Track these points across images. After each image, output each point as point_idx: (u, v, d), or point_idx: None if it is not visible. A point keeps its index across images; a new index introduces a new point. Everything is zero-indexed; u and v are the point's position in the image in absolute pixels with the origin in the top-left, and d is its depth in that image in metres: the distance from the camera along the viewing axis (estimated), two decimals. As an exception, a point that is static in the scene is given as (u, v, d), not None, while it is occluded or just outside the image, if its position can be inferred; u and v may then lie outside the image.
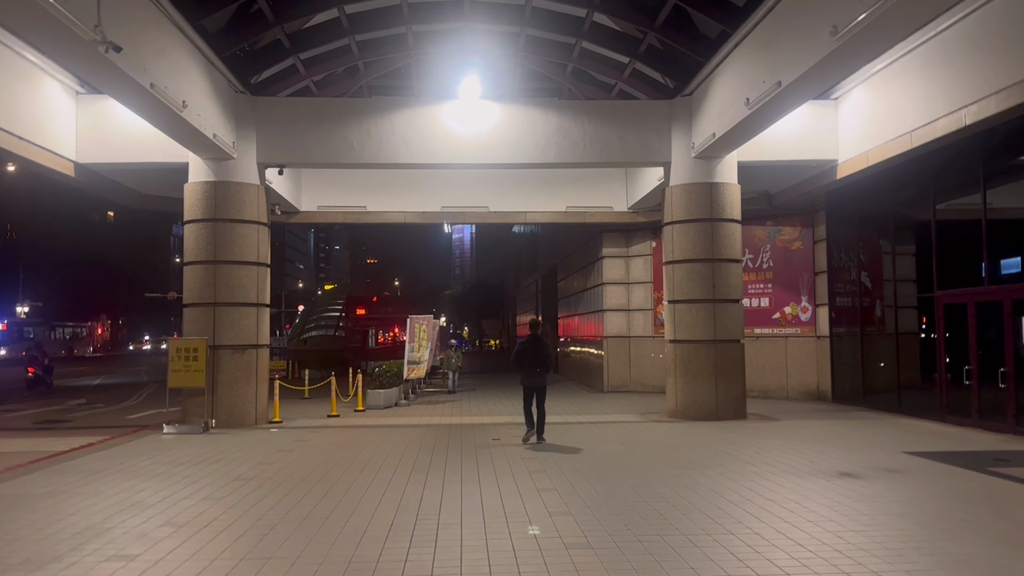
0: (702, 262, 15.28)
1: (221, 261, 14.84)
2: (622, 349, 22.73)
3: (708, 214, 15.29)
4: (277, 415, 15.57)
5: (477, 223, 21.34)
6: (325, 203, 20.86)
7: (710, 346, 15.18)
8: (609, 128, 15.66)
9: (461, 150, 15.56)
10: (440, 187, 20.99)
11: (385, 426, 14.78)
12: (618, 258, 22.95)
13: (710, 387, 15.10)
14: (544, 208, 21.24)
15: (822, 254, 19.30)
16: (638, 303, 22.65)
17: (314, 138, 15.40)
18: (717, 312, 15.21)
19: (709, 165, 15.38)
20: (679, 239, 15.48)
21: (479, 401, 20.07)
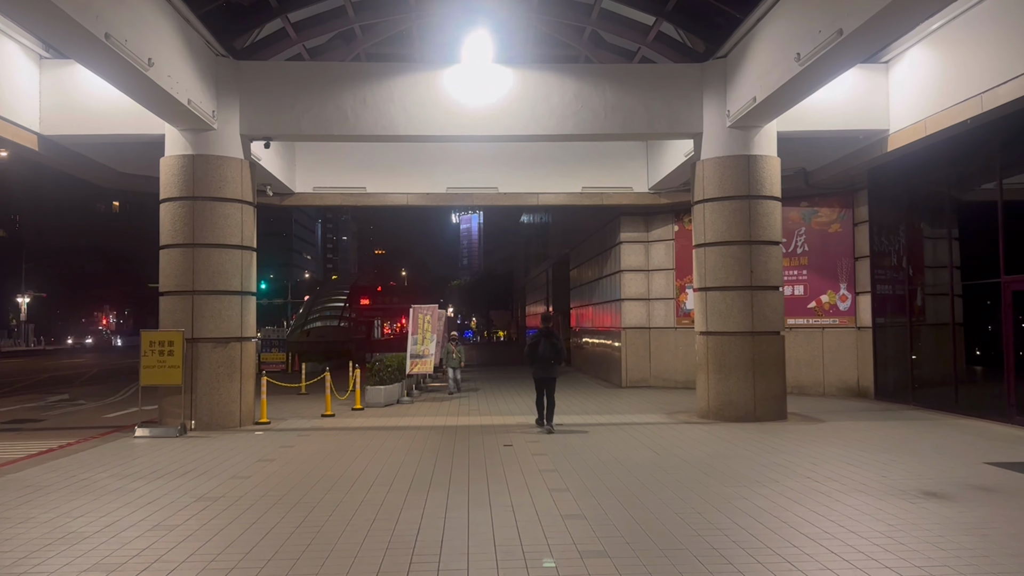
0: (738, 244, 13.64)
1: (200, 244, 13.29)
2: (641, 341, 21.13)
3: (745, 190, 13.64)
4: (265, 415, 14.04)
5: (486, 205, 19.77)
6: (321, 184, 19.29)
7: (747, 338, 13.57)
8: (633, 95, 14.01)
9: (468, 120, 13.94)
10: (445, 167, 19.40)
11: (383, 428, 13.23)
12: (637, 243, 21.31)
13: (747, 384, 13.49)
14: (558, 189, 19.62)
15: (863, 237, 17.63)
16: (659, 292, 21.02)
17: (304, 107, 13.81)
18: (755, 300, 13.59)
19: (746, 136, 13.72)
20: (712, 219, 13.85)
21: (488, 398, 18.51)
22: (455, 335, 21.95)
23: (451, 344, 20.60)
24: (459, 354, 20.26)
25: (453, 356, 20.17)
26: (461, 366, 20.38)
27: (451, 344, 20.60)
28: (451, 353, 20.23)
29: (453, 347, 20.40)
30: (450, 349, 20.34)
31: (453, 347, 20.40)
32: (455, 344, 20.65)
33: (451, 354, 20.22)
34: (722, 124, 13.85)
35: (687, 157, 16.12)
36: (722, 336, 13.69)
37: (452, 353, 20.22)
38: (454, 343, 20.75)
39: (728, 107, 13.70)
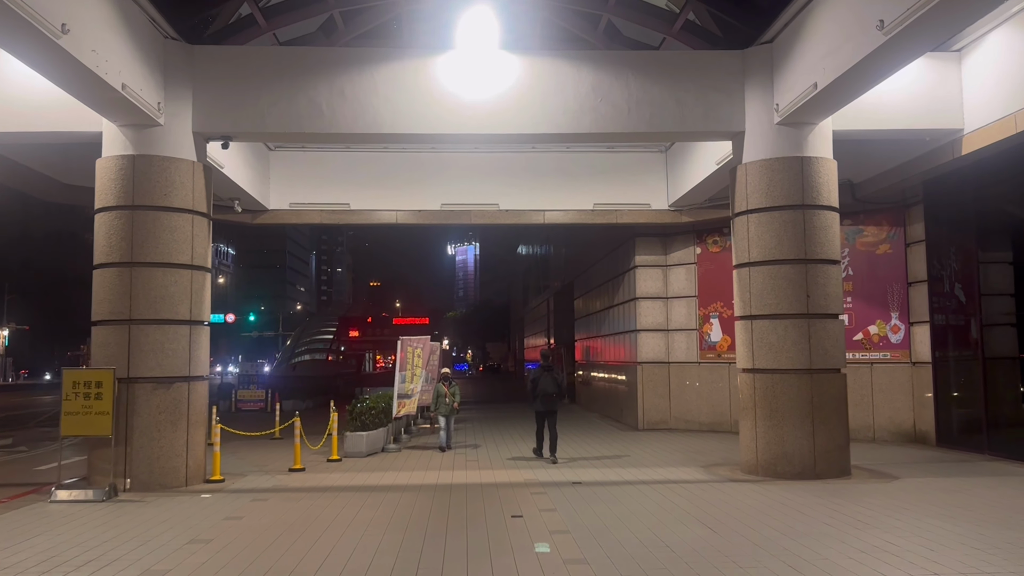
0: (790, 263, 11.35)
1: (141, 263, 10.94)
2: (660, 378, 18.74)
3: (798, 199, 11.38)
4: (218, 471, 11.58)
5: (485, 224, 17.53)
6: (300, 199, 17.01)
7: (804, 377, 11.21)
8: (662, 87, 11.80)
9: (466, 117, 11.70)
10: (440, 181, 17.17)
11: (361, 488, 10.78)
12: (655, 267, 19.02)
13: (805, 433, 11.11)
14: (566, 206, 17.38)
15: (918, 259, 15.35)
16: (679, 322, 18.70)
17: (270, 100, 11.56)
18: (813, 331, 11.25)
19: (798, 134, 11.50)
20: (758, 233, 11.56)
21: (488, 444, 16.05)
22: (447, 372, 16.51)
23: (442, 384, 15.47)
24: (452, 397, 15.23)
25: (445, 400, 15.12)
26: (456, 410, 15.49)
27: (442, 384, 15.47)
28: (442, 396, 15.17)
29: (445, 387, 15.31)
30: (440, 391, 15.26)
31: (445, 387, 15.31)
32: (447, 384, 15.55)
33: (442, 397, 15.16)
34: (769, 121, 11.63)
35: (719, 165, 13.91)
36: (773, 374, 11.33)
37: (444, 396, 15.16)
38: (446, 383, 15.59)
39: (776, 100, 11.48)
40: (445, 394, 15.18)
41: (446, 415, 15.09)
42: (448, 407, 15.11)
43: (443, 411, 15.08)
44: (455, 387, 15.68)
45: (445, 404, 15.10)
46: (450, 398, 15.18)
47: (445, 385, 15.45)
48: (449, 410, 15.13)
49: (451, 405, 15.17)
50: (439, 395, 15.24)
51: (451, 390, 15.34)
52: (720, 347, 17.94)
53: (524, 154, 17.34)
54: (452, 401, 15.23)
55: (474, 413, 24.48)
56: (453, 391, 15.39)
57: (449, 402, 15.15)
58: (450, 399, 15.18)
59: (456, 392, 15.55)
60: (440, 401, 15.18)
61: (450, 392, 15.27)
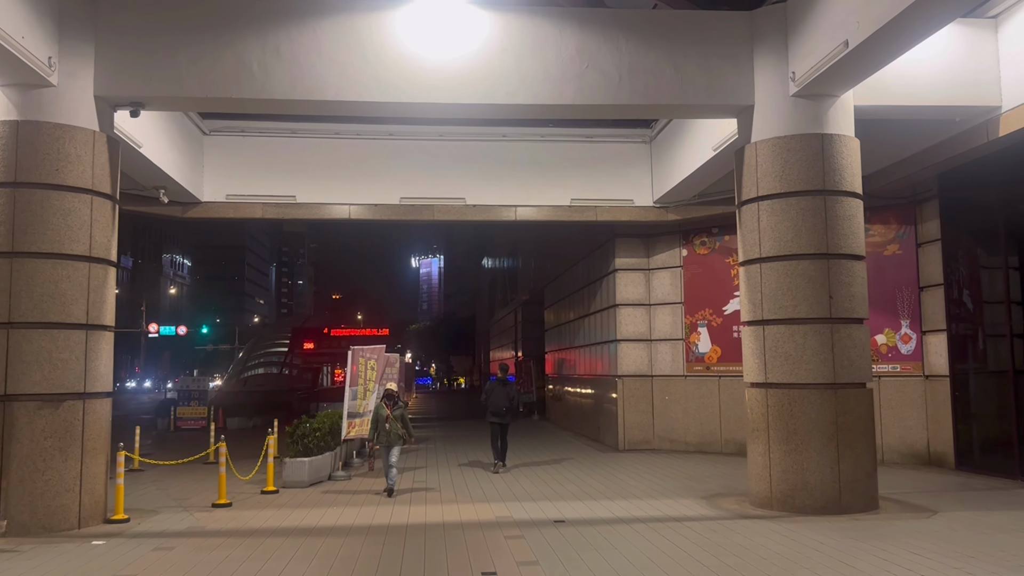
0: (810, 259, 9.64)
1: (23, 253, 8.87)
2: (642, 393, 16.96)
3: (818, 183, 9.69)
4: (121, 508, 9.48)
5: (449, 220, 15.64)
6: (238, 191, 14.97)
7: (827, 393, 9.49)
8: (658, 53, 10.07)
9: (429, 83, 9.84)
10: (399, 172, 15.29)
11: (295, 532, 8.77)
12: (636, 271, 17.28)
13: (828, 459, 9.37)
14: (541, 201, 15.59)
15: (931, 261, 13.80)
16: (664, 331, 16.95)
17: (190, 58, 9.58)
18: (836, 338, 9.55)
19: (817, 108, 9.83)
20: (771, 223, 9.85)
21: (452, 469, 14.11)
22: (392, 389, 11.98)
23: (383, 404, 11.45)
24: (395, 425, 11.16)
25: (387, 430, 11.16)
26: (410, 441, 11.72)
27: (383, 404, 11.45)
28: (382, 421, 11.21)
29: (388, 409, 11.31)
30: (381, 414, 11.30)
31: (388, 409, 11.31)
32: (391, 404, 11.41)
33: (382, 422, 11.20)
34: (783, 92, 9.94)
35: (717, 151, 12.23)
36: (790, 389, 9.59)
37: (385, 421, 11.19)
38: (389, 402, 11.43)
39: (792, 68, 9.81)
40: (387, 418, 11.17)
41: (388, 446, 11.15)
42: (392, 435, 11.14)
43: (383, 441, 11.17)
44: (402, 409, 11.49)
45: (386, 432, 11.12)
46: (392, 423, 11.14)
47: (388, 405, 11.32)
48: (396, 439, 11.16)
49: (395, 434, 11.15)
50: (379, 419, 11.25)
51: (396, 413, 11.26)
52: (709, 359, 16.24)
53: (494, 143, 15.54)
54: (394, 430, 11.13)
55: (437, 432, 22.48)
56: (399, 414, 11.28)
57: (393, 431, 11.13)
58: (392, 425, 11.14)
59: (404, 415, 11.36)
60: (380, 428, 11.17)
61: (394, 416, 11.20)
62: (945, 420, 13.40)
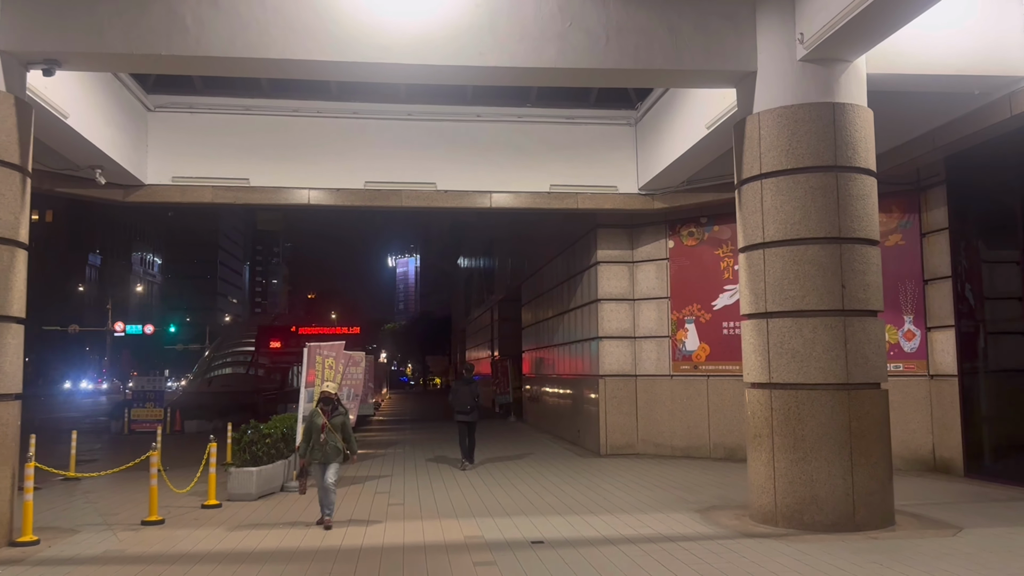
0: (821, 243, 8.56)
1: (-92, 231, 7.56)
2: (626, 393, 15.85)
3: (829, 158, 8.61)
4: (30, 528, 8.17)
5: (418, 207, 14.41)
6: (185, 172, 13.66)
7: (840, 394, 8.41)
8: (650, 10, 8.94)
9: (389, 41, 8.63)
10: (363, 153, 14.08)
11: (232, 557, 7.52)
12: (620, 264, 16.17)
13: (841, 469, 8.29)
14: (517, 187, 14.43)
15: (939, 252, 12.80)
16: (648, 328, 15.86)
17: (113, 8, 8.30)
18: (850, 333, 8.47)
19: (827, 75, 8.75)
20: (776, 204, 8.75)
21: (418, 475, 12.90)
22: (329, 392, 9.31)
23: (319, 410, 9.08)
24: (332, 437, 8.87)
25: (322, 441, 8.85)
26: (351, 458, 9.27)
27: (319, 410, 9.08)
28: (316, 431, 8.89)
29: (324, 417, 8.97)
30: (316, 422, 8.96)
31: (324, 417, 8.97)
32: (329, 410, 9.08)
33: (317, 433, 8.87)
34: (789, 57, 8.85)
35: (712, 128, 11.15)
36: (798, 391, 8.49)
37: (320, 432, 8.87)
38: (327, 407, 9.09)
39: (800, 28, 8.72)
40: (323, 427, 8.80)
41: (323, 463, 8.79)
42: (329, 450, 8.78)
43: (317, 457, 8.80)
44: (343, 416, 9.10)
45: (321, 445, 8.77)
46: (330, 435, 8.78)
47: (324, 412, 8.95)
48: (330, 454, 8.78)
49: (336, 447, 8.84)
50: (312, 429, 8.88)
51: (335, 421, 8.92)
52: (696, 357, 15.17)
53: (467, 123, 14.37)
54: (333, 442, 8.82)
55: (407, 434, 21.24)
56: (339, 422, 8.93)
57: (328, 442, 8.78)
58: (330, 436, 8.77)
59: (345, 423, 9.04)
60: (315, 440, 8.80)
61: (332, 424, 8.87)
62: (952, 423, 12.41)
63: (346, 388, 15.14)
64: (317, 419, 8.99)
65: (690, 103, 12.17)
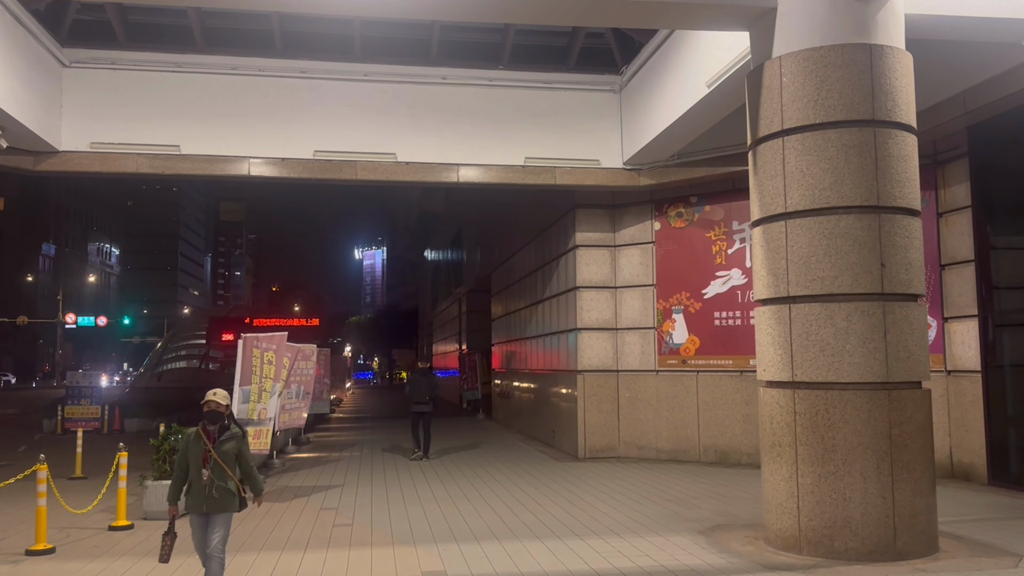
0: (856, 213, 7.11)
1: None
2: (606, 390, 14.37)
3: (866, 111, 7.16)
4: None
5: (376, 181, 12.78)
6: (106, 138, 11.87)
7: (878, 395, 6.97)
8: (650, -69, 7.43)
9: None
10: (312, 119, 12.42)
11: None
12: (600, 248, 14.66)
13: (879, 485, 6.86)
14: (488, 160, 12.87)
15: (959, 233, 11.48)
16: (632, 319, 14.39)
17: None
18: (889, 321, 7.04)
19: (862, 11, 7.27)
20: (801, 166, 7.27)
21: (372, 490, 11.29)
22: (217, 403, 5.75)
23: (200, 432, 5.75)
24: (221, 473, 5.65)
25: (202, 479, 5.62)
26: (254, 502, 5.96)
27: (200, 432, 5.75)
28: (195, 465, 5.69)
29: (207, 442, 5.67)
30: (193, 449, 5.73)
31: (207, 442, 5.67)
32: (213, 432, 5.74)
33: (195, 466, 5.69)
34: (816, -12, 7.38)
35: (713, 86, 9.67)
36: (829, 391, 7.03)
37: (203, 466, 5.64)
38: (212, 426, 5.75)
39: (830, -47, 7.24)
40: (205, 457, 5.65)
41: (204, 515, 5.71)
42: (217, 496, 5.64)
43: (195, 505, 5.70)
44: (239, 441, 5.84)
45: (202, 487, 5.63)
46: (217, 469, 5.65)
47: (208, 435, 5.72)
48: (220, 502, 5.67)
49: (227, 490, 5.70)
50: (186, 459, 5.78)
51: (225, 448, 5.71)
52: (685, 351, 13.73)
53: (431, 87, 12.76)
54: (225, 482, 5.68)
55: (367, 434, 19.58)
56: (231, 449, 5.74)
57: (219, 483, 5.64)
58: (217, 472, 5.64)
59: (243, 451, 5.84)
60: (194, 478, 5.69)
61: (221, 454, 5.68)
62: (974, 424, 11.09)
63: (295, 385, 13.52)
64: (194, 446, 5.68)
65: (684, 62, 10.69)
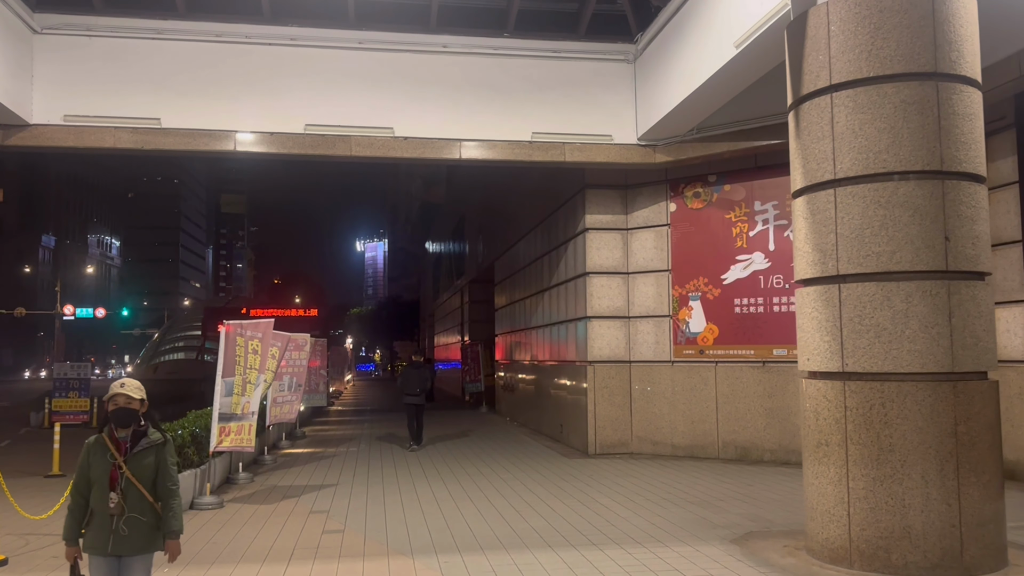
0: (916, 178, 6.21)
1: None
2: (618, 382, 13.51)
3: (928, 62, 6.26)
4: None
5: (373, 157, 11.90)
6: (81, 111, 10.98)
7: (942, 388, 6.09)
8: None
9: None
10: (303, 90, 11.53)
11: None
12: (612, 231, 13.77)
13: (943, 490, 5.99)
14: (492, 135, 11.97)
15: (1005, 211, 10.55)
16: (645, 306, 13.51)
17: None
18: (955, 303, 6.16)
19: (922, -52, 6.39)
20: (853, 126, 6.38)
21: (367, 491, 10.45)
22: (126, 396, 4.03)
23: (105, 436, 4.06)
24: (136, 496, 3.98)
25: (108, 504, 3.93)
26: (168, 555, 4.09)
27: (105, 436, 4.06)
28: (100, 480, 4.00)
29: (116, 453, 3.99)
30: (95, 460, 4.02)
31: (116, 453, 3.99)
32: (125, 441, 4.04)
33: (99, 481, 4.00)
34: (869, -76, 6.47)
35: (741, 47, 8.76)
36: (885, 382, 6.16)
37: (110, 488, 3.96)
38: (124, 431, 4.05)
39: None
40: (114, 474, 3.99)
41: (115, 556, 3.99)
42: (130, 529, 3.99)
43: (94, 543, 3.97)
44: (156, 451, 4.13)
45: (106, 522, 3.96)
46: (131, 490, 3.99)
47: (118, 444, 4.04)
48: (134, 538, 4.01)
49: (143, 522, 4.03)
50: (85, 473, 4.06)
51: (141, 464, 4.05)
52: (703, 340, 12.86)
53: (431, 55, 11.86)
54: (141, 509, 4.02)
55: (366, 428, 18.76)
56: (149, 464, 4.08)
57: (132, 511, 4.00)
58: (131, 494, 3.99)
59: (165, 465, 4.11)
60: (97, 504, 3.99)
61: (134, 473, 4.01)
62: (1021, 419, 10.22)
63: (287, 377, 12.72)
64: (97, 461, 4.03)
65: (708, 22, 9.77)
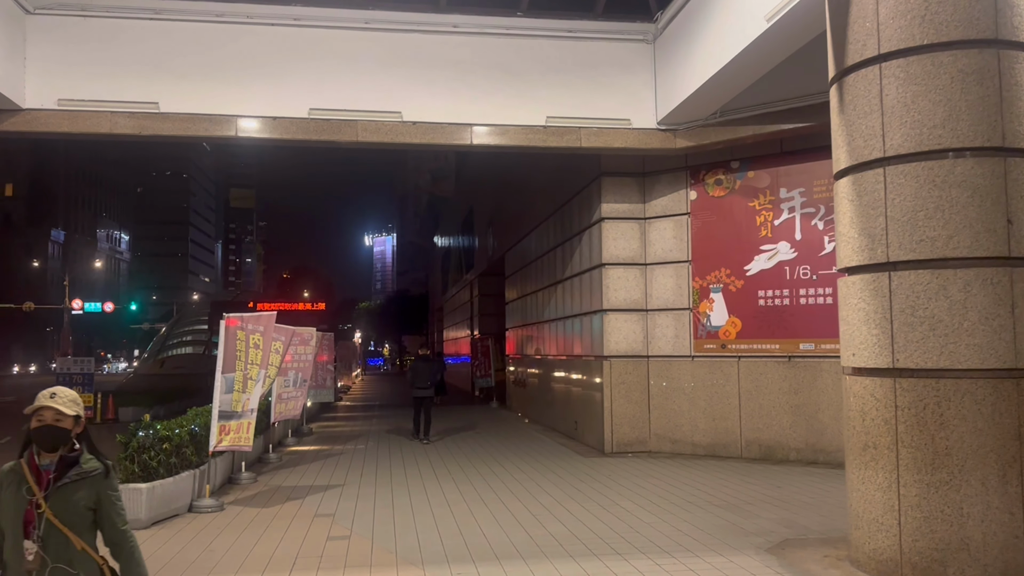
0: (975, 155, 5.67)
1: None
2: (635, 378, 12.99)
3: (989, 28, 5.70)
4: None
5: (381, 143, 11.39)
6: (76, 95, 10.51)
7: (1005, 385, 5.55)
8: None
9: None
10: (307, 73, 11.02)
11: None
12: (629, 221, 13.24)
13: (1005, 498, 5.46)
14: (505, 119, 11.44)
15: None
16: (664, 299, 12.98)
17: None
18: (1018, 292, 5.62)
19: (981, -98, 5.82)
20: (904, 99, 5.83)
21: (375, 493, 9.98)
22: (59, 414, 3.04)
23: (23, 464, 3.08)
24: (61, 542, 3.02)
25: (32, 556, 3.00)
26: None
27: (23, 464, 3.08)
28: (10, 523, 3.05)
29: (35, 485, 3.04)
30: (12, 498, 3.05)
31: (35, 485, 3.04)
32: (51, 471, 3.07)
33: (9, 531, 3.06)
34: None
35: (772, 20, 8.19)
36: (940, 380, 5.62)
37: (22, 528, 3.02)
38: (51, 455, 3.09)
39: None
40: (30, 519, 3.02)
41: None
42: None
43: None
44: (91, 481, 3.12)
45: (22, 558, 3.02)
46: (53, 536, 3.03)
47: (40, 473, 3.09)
48: None
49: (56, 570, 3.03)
50: None
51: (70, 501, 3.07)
52: (725, 334, 12.33)
53: (441, 36, 11.33)
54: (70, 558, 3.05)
55: (374, 424, 18.29)
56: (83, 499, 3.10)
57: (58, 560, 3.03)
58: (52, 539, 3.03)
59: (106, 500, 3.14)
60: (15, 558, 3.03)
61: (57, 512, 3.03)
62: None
63: (292, 372, 12.26)
64: (9, 497, 3.10)
65: None
